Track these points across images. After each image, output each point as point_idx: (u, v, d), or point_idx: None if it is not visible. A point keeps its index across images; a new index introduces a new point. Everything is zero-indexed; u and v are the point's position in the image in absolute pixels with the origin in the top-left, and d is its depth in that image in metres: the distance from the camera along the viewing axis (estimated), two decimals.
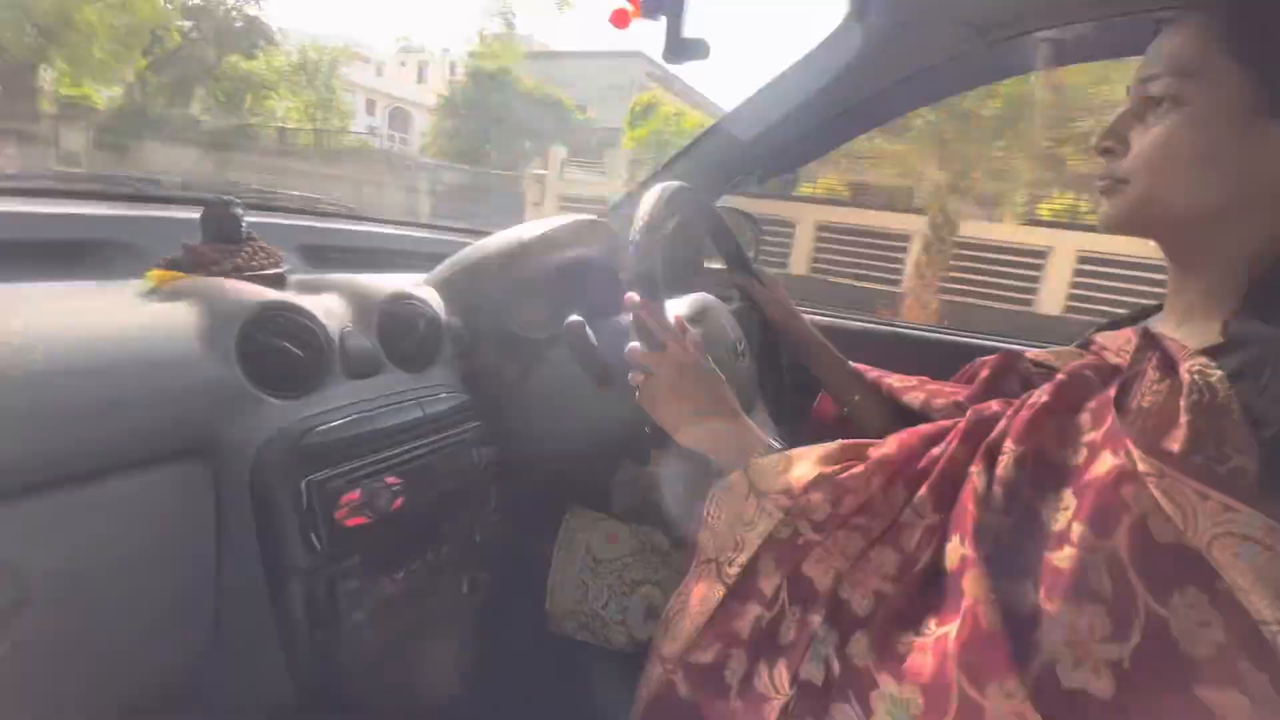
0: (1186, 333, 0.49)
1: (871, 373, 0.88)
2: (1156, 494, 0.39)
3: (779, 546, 0.53)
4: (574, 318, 0.68)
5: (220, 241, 0.67)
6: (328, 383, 0.62)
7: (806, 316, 0.94)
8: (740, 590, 0.54)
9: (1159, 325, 0.53)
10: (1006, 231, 8.49)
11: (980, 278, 8.44)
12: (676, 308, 0.81)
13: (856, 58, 0.93)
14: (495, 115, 15.58)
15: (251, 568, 0.55)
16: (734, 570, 0.53)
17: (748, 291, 0.93)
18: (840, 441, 0.59)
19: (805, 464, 0.55)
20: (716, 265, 1.11)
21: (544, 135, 14.94)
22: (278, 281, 0.69)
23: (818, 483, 0.53)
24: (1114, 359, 0.53)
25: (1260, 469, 0.37)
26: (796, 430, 0.97)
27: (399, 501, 0.61)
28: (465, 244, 0.88)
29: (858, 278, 8.81)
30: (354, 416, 0.60)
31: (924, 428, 0.58)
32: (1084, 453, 0.45)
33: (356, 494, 0.57)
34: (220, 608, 0.55)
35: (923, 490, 0.52)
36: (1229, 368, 0.41)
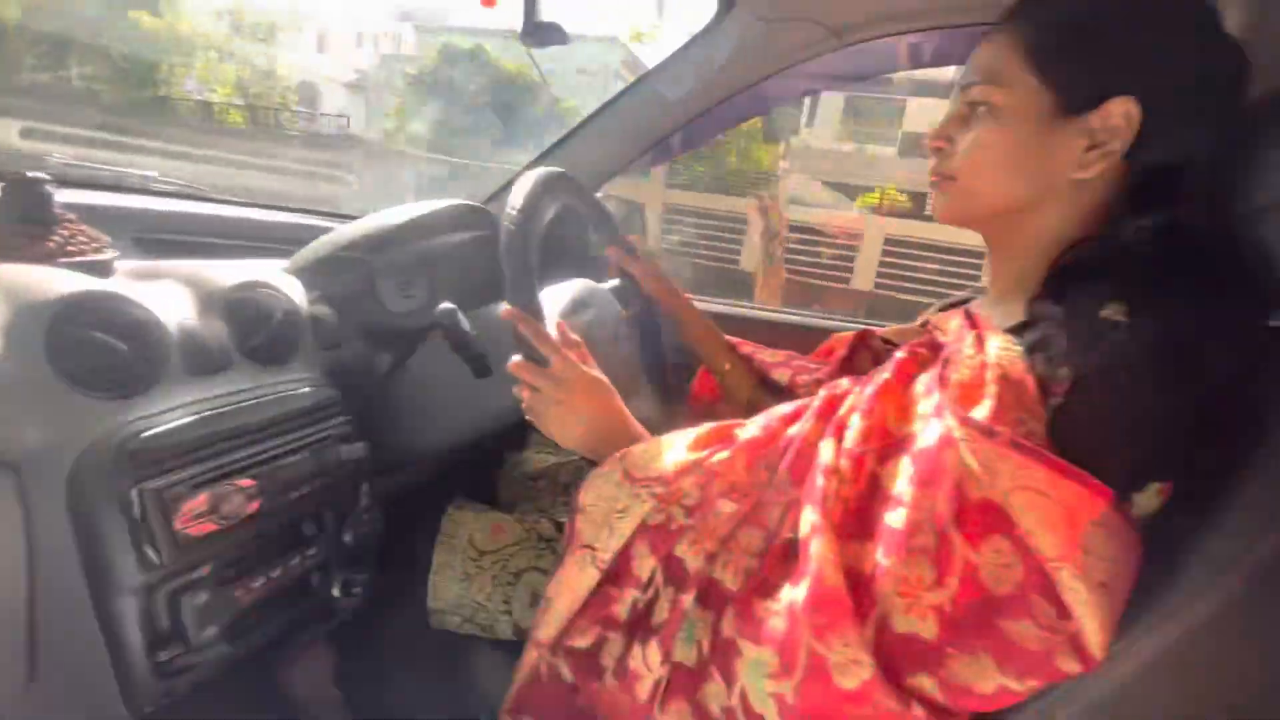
0: (1002, 313, 0.55)
1: (745, 346, 0.93)
2: (967, 456, 0.44)
3: (652, 531, 0.55)
4: (445, 305, 0.66)
5: (25, 223, 0.59)
6: (165, 381, 0.56)
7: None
8: (614, 575, 0.56)
9: (980, 306, 0.60)
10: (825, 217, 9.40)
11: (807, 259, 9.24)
12: (558, 296, 0.81)
13: (731, 52, 0.97)
14: (475, 100, 13.78)
15: (74, 588, 0.49)
16: (607, 556, 0.55)
17: (623, 267, 0.94)
18: (709, 425, 0.61)
19: (676, 450, 0.57)
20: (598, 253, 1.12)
21: (529, 123, 13.54)
22: (101, 269, 0.62)
23: (687, 469, 0.56)
24: (943, 338, 0.59)
25: (1047, 431, 0.44)
26: (679, 407, 1.01)
27: (254, 505, 0.57)
28: (329, 228, 0.83)
29: (703, 257, 9.33)
30: (196, 416, 0.55)
31: (784, 408, 0.62)
32: (919, 424, 0.50)
33: (202, 500, 0.53)
34: (37, 636, 0.49)
35: (782, 468, 0.56)
36: (1026, 343, 0.48)
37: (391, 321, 0.80)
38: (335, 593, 0.69)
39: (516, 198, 0.65)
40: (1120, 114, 0.48)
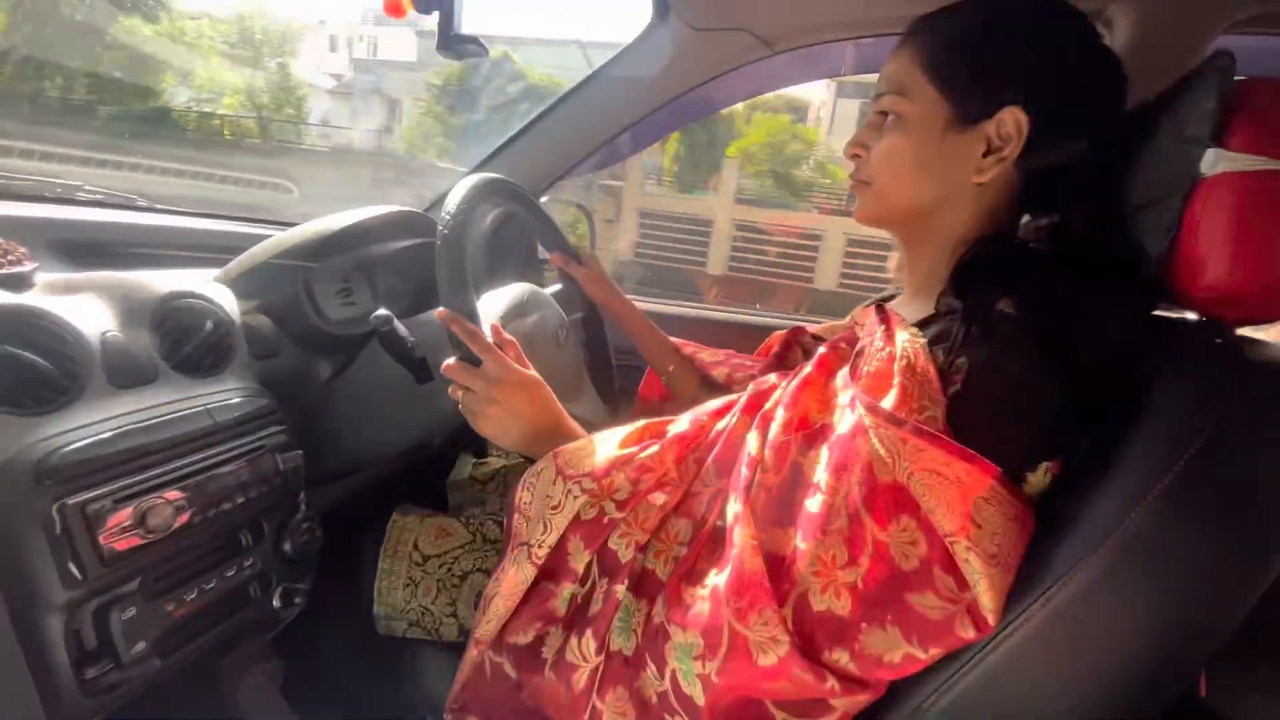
0: (914, 308, 0.59)
1: (688, 347, 0.96)
2: (875, 443, 0.47)
3: (586, 526, 0.57)
4: (380, 312, 0.67)
5: None
6: (88, 395, 0.55)
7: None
8: (551, 570, 0.57)
9: (898, 303, 0.64)
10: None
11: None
12: (499, 300, 0.82)
13: (668, 59, 0.99)
14: (503, 109, 12.91)
15: None
16: (543, 552, 0.56)
17: (567, 271, 0.95)
18: (641, 422, 0.64)
19: (607, 447, 0.59)
20: (546, 257, 1.13)
21: None
22: (19, 282, 0.61)
23: (619, 464, 0.58)
24: (860, 333, 0.63)
25: (946, 416, 0.47)
26: (626, 408, 1.03)
27: (184, 517, 0.57)
28: (265, 236, 0.82)
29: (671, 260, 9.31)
30: (119, 430, 0.54)
31: (713, 403, 0.65)
32: (837, 414, 0.53)
33: (127, 514, 0.53)
34: None
35: (710, 461, 0.59)
36: (929, 335, 0.51)
37: (331, 329, 0.79)
38: (276, 603, 0.68)
39: (451, 203, 0.66)
40: (1011, 123, 0.52)
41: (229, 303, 0.72)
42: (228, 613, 0.64)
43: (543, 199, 1.09)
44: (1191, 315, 0.54)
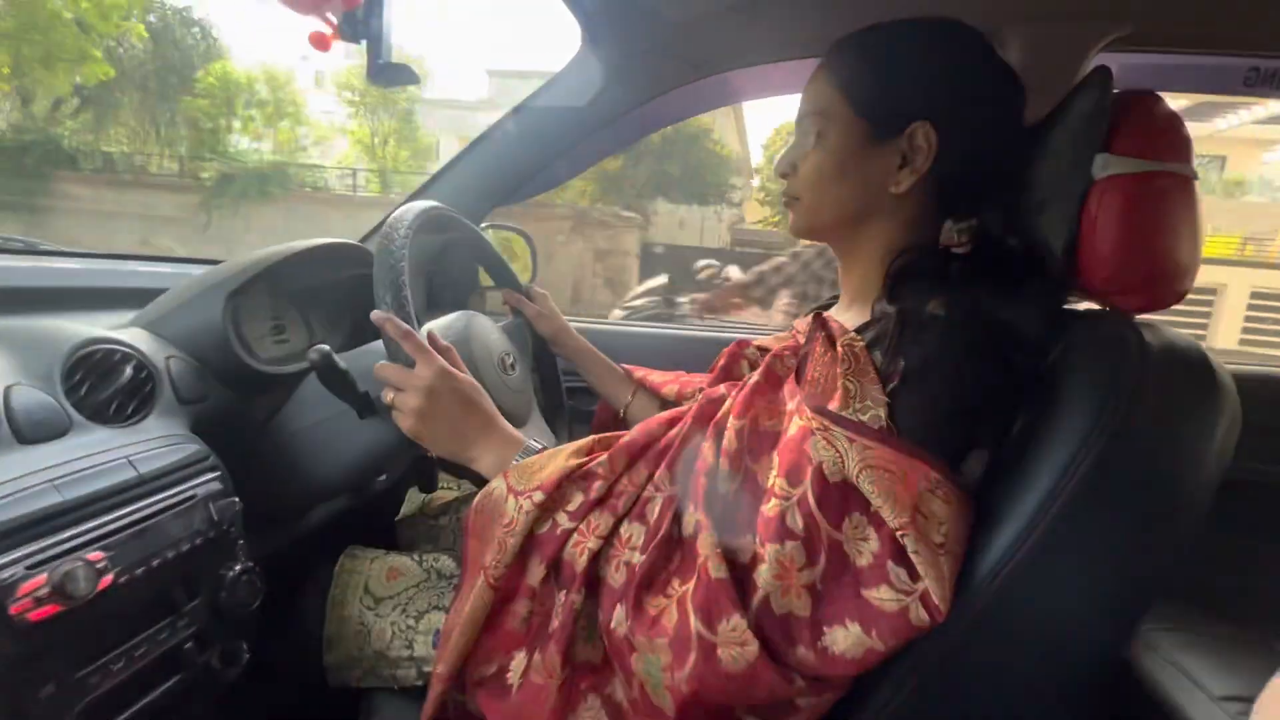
0: (851, 315, 0.61)
1: (637, 371, 0.96)
2: (821, 445, 0.49)
3: (539, 540, 0.56)
4: (318, 347, 0.64)
5: None
6: None
7: (577, 325, 1.00)
8: (508, 592, 0.56)
9: (834, 310, 0.66)
10: None
11: None
12: (441, 327, 0.80)
13: (601, 83, 1.01)
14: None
15: None
16: (499, 572, 0.55)
17: (517, 307, 0.95)
18: (593, 436, 0.64)
19: (558, 459, 0.59)
20: (490, 285, 1.12)
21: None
22: None
23: (569, 474, 0.58)
24: (802, 340, 0.65)
25: (888, 415, 0.49)
26: (580, 434, 1.02)
27: (107, 579, 0.52)
28: (186, 276, 0.78)
29: None
30: (29, 489, 0.50)
31: (665, 414, 0.66)
32: (785, 420, 0.54)
33: (41, 580, 0.48)
34: None
35: (662, 467, 0.59)
36: (868, 339, 0.53)
37: (263, 368, 0.76)
38: (215, 663, 0.64)
39: (389, 228, 0.67)
40: (921, 136, 0.56)
41: (149, 346, 0.68)
42: (162, 679, 0.59)
43: (482, 225, 1.08)
44: (1092, 305, 0.59)
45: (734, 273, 2.48)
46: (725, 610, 0.48)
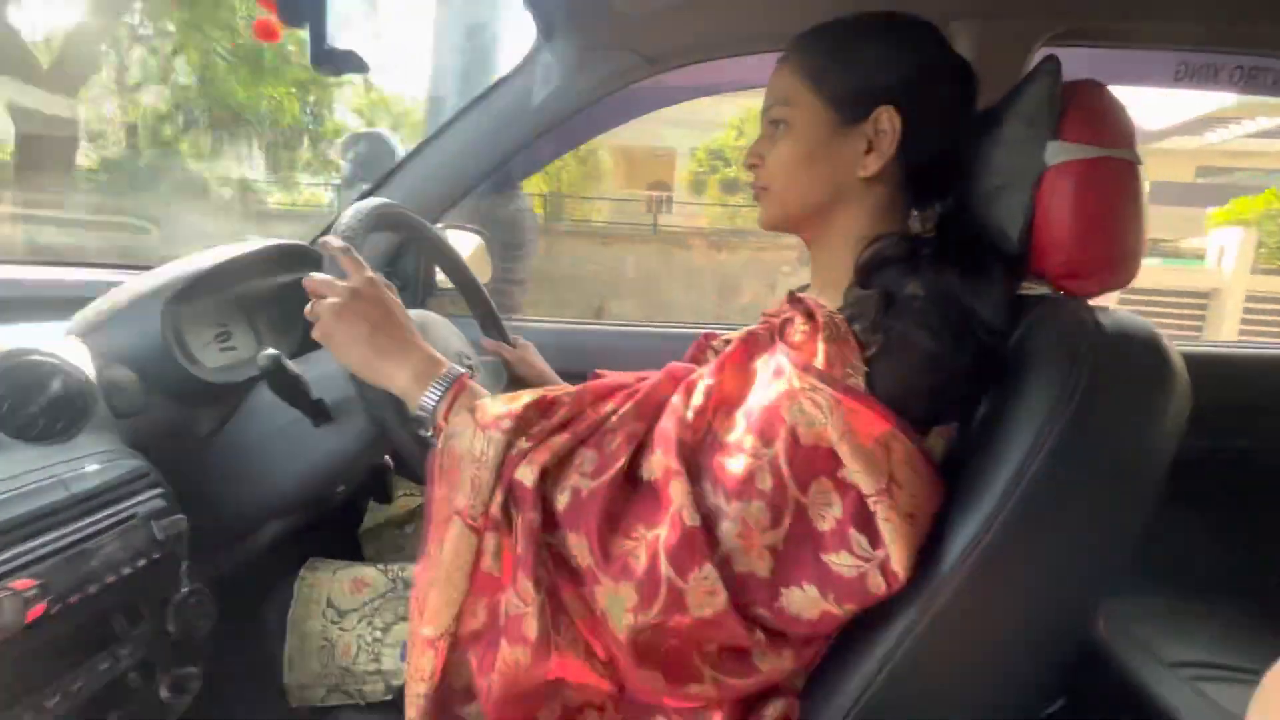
0: (824, 300, 0.62)
1: (605, 376, 0.95)
2: (806, 403, 0.49)
3: (504, 468, 0.53)
4: (268, 352, 0.61)
5: None
6: None
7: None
8: (494, 528, 0.53)
9: (806, 295, 0.67)
10: None
11: None
12: None
13: (557, 79, 0.99)
14: None
15: None
16: (477, 510, 0.52)
17: (497, 353, 0.92)
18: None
19: (527, 395, 0.57)
20: (448, 285, 1.08)
21: None
22: None
23: (534, 404, 0.56)
24: (775, 320, 0.65)
25: (865, 383, 0.50)
26: None
27: (38, 609, 0.48)
28: (119, 282, 0.73)
29: None
30: None
31: (635, 374, 0.66)
32: (758, 388, 0.55)
33: None
34: None
35: (628, 403, 0.58)
36: (846, 314, 0.54)
37: (207, 377, 0.72)
38: (164, 693, 0.60)
39: (341, 224, 0.64)
40: (886, 119, 0.57)
41: (79, 357, 0.63)
42: (103, 712, 0.55)
43: (438, 224, 1.05)
44: (1046, 289, 0.60)
45: None
46: (697, 559, 0.48)
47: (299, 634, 0.70)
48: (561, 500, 0.53)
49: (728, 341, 0.83)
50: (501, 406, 0.56)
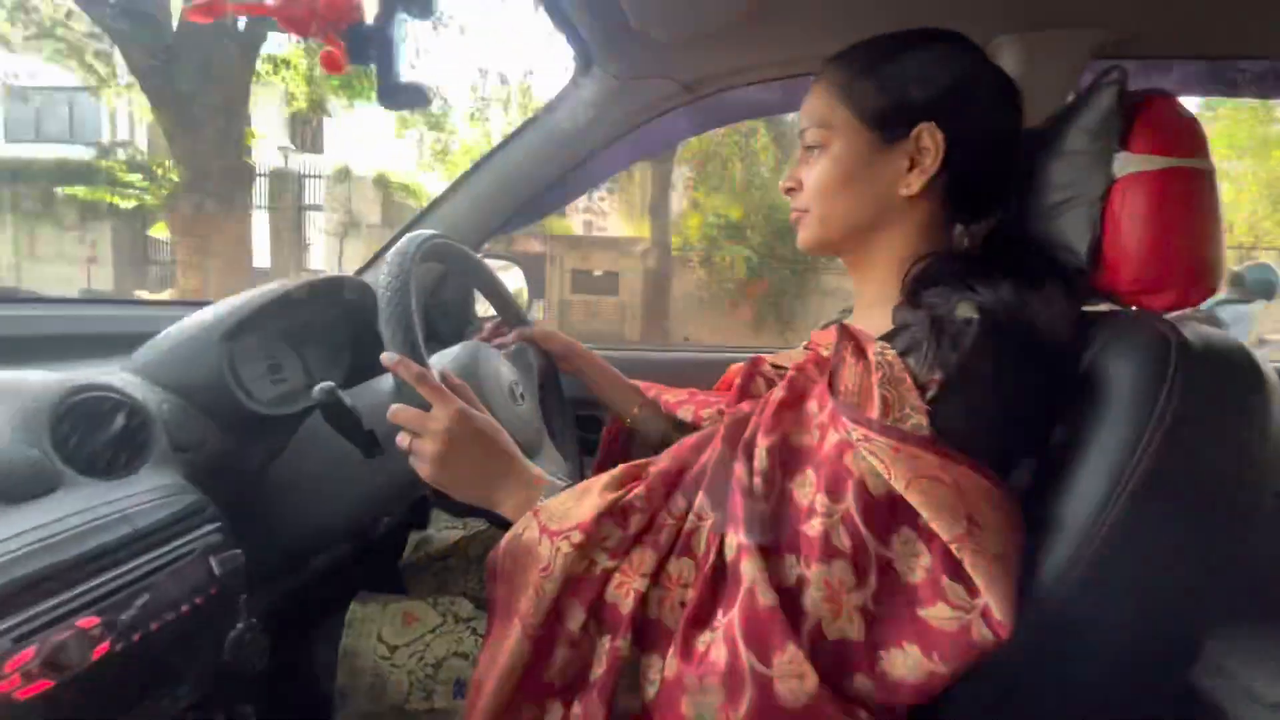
0: (872, 324, 0.60)
1: (651, 390, 0.94)
2: (866, 456, 0.46)
3: (578, 582, 0.53)
4: (324, 384, 0.61)
5: None
6: None
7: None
8: (543, 639, 0.52)
9: (853, 320, 0.65)
10: None
11: None
12: (446, 359, 0.78)
13: (593, 109, 1.00)
14: None
15: None
16: (537, 620, 0.52)
17: (524, 339, 0.93)
18: (621, 466, 0.61)
19: (590, 496, 0.56)
20: (490, 313, 1.09)
21: None
22: None
23: (606, 510, 0.54)
24: (825, 353, 0.63)
25: (929, 422, 0.47)
26: (588, 465, 0.99)
27: (103, 647, 0.48)
28: (177, 318, 0.75)
29: None
30: (15, 554, 0.46)
31: (692, 438, 0.63)
32: (817, 434, 0.52)
33: (30, 653, 0.44)
34: None
35: (700, 495, 0.56)
36: (899, 347, 0.52)
37: (262, 409, 0.73)
38: None
39: (393, 260, 0.65)
40: (927, 137, 0.56)
41: (141, 392, 0.64)
42: None
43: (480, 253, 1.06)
44: (1109, 306, 0.58)
45: None
46: (779, 640, 0.45)
47: (350, 669, 0.69)
48: (671, 619, 0.51)
49: (777, 367, 0.82)
50: (568, 509, 0.55)
